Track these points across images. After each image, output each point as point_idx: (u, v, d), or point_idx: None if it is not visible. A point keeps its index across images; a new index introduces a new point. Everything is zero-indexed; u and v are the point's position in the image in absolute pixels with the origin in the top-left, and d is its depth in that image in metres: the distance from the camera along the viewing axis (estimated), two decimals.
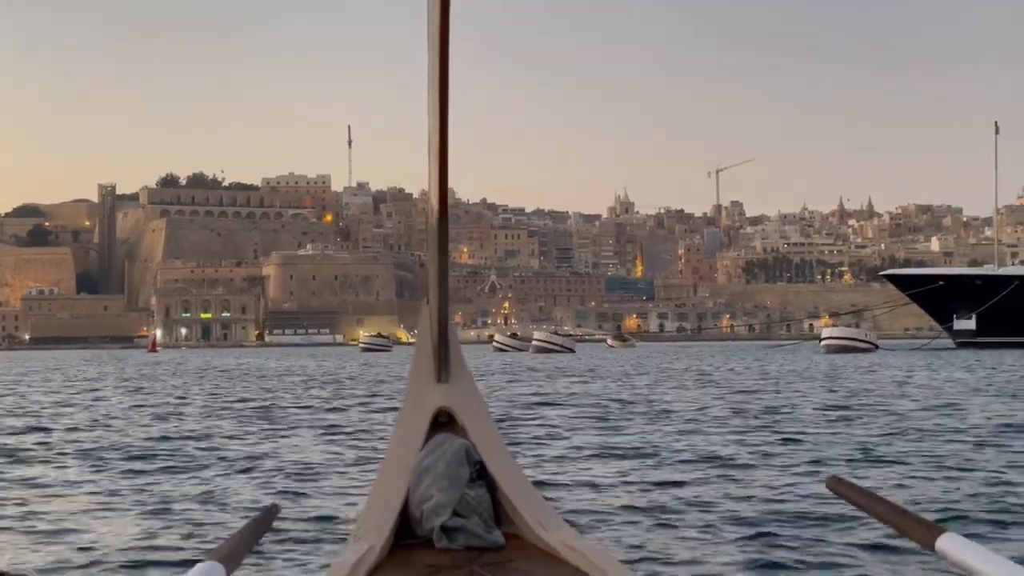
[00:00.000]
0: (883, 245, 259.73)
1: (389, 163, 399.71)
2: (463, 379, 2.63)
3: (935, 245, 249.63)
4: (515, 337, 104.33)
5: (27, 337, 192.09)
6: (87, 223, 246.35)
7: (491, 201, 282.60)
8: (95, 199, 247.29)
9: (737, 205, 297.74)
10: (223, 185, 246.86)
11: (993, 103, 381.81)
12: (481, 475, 2.46)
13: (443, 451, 2.45)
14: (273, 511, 2.48)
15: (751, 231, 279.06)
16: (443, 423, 2.58)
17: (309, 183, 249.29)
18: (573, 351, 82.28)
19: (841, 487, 2.24)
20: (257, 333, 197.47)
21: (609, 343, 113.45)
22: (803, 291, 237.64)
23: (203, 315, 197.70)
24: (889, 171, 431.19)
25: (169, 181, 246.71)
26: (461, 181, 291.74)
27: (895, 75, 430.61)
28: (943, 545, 1.85)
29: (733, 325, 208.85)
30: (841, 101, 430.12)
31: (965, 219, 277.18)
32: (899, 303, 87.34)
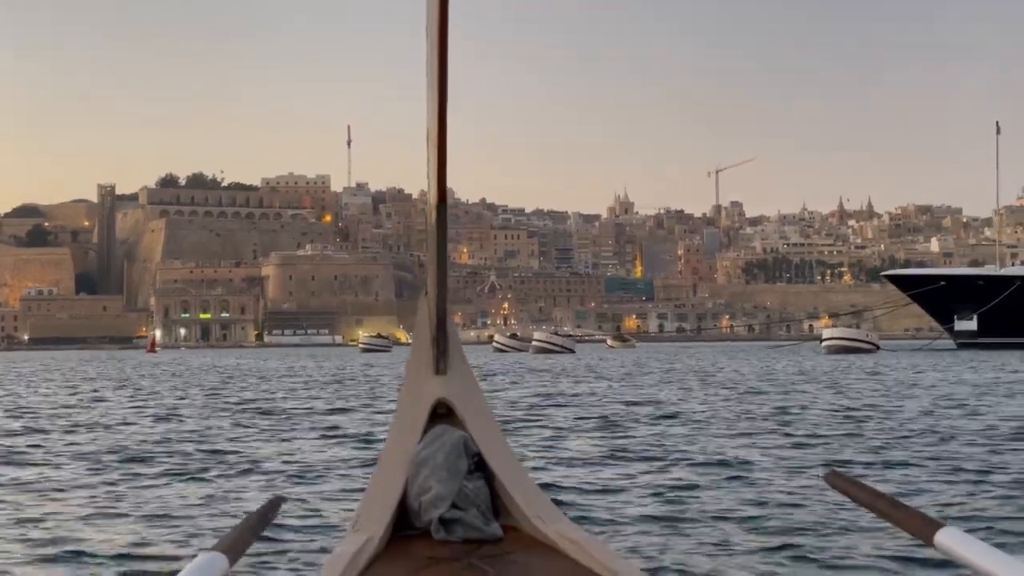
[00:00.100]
0: (883, 245, 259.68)
1: (388, 163, 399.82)
2: (462, 371, 2.62)
3: (935, 246, 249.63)
4: (515, 338, 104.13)
5: (26, 337, 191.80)
6: (86, 223, 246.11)
7: (491, 201, 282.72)
8: (94, 199, 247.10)
9: (737, 205, 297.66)
10: (222, 185, 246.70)
11: (993, 103, 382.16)
12: (479, 467, 2.45)
13: (442, 443, 2.44)
14: (277, 503, 2.47)
15: (751, 231, 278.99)
16: (442, 415, 2.56)
17: (308, 183, 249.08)
18: (573, 351, 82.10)
19: (840, 482, 2.24)
20: (256, 333, 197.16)
21: (609, 344, 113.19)
22: (803, 291, 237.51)
23: (202, 315, 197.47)
24: (889, 171, 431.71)
25: (168, 181, 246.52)
26: (461, 181, 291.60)
27: (895, 75, 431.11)
28: (941, 539, 1.85)
29: (733, 326, 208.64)
30: (841, 101, 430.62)
31: (965, 219, 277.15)
32: (899, 303, 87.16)
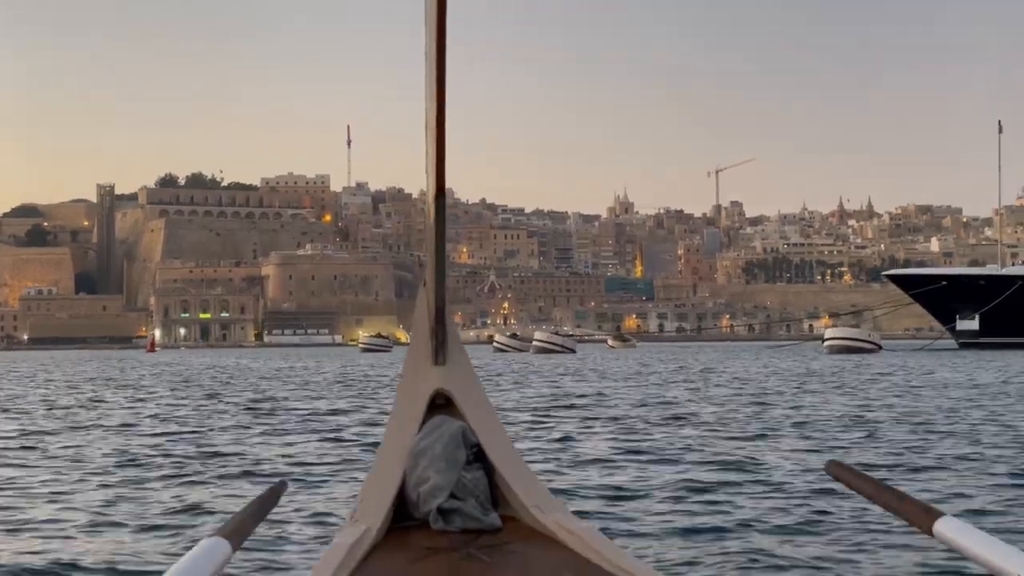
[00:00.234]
0: (883, 245, 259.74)
1: (388, 163, 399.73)
2: (460, 361, 2.61)
3: (935, 245, 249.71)
4: (515, 337, 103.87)
5: (25, 337, 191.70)
6: (86, 223, 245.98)
7: (490, 201, 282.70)
8: (94, 199, 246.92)
9: (737, 205, 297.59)
10: (222, 185, 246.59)
11: (992, 104, 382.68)
12: (478, 457, 2.45)
13: (440, 433, 2.44)
14: (279, 488, 2.46)
15: (751, 231, 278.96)
16: (440, 405, 2.56)
17: (308, 183, 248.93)
18: (574, 351, 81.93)
19: (841, 471, 2.25)
20: (256, 333, 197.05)
21: (610, 343, 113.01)
22: (803, 291, 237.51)
23: (202, 315, 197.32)
24: (889, 171, 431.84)
25: (168, 181, 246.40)
26: (461, 182, 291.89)
27: (895, 76, 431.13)
28: (940, 528, 1.86)
29: (733, 325, 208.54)
30: (841, 102, 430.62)
31: (965, 219, 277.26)
32: (900, 303, 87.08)
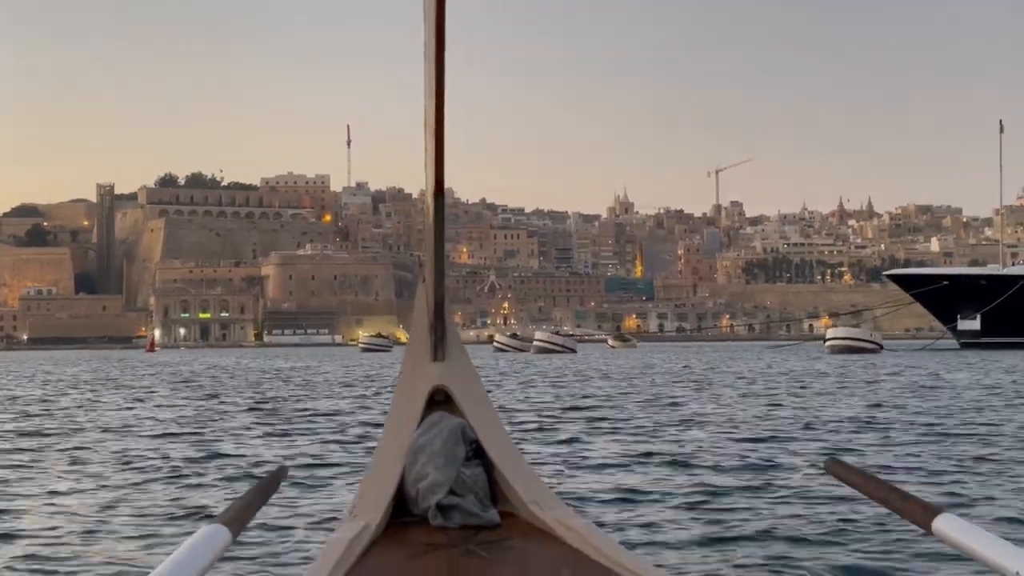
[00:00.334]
0: (883, 245, 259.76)
1: (388, 163, 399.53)
2: (459, 358, 2.61)
3: (935, 245, 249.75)
4: (516, 337, 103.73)
5: (25, 337, 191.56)
6: (85, 223, 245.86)
7: (490, 201, 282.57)
8: (93, 199, 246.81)
9: (737, 205, 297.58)
10: (222, 185, 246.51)
11: (992, 104, 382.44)
12: (477, 454, 2.45)
13: (439, 429, 2.44)
14: (280, 474, 2.45)
15: (751, 231, 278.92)
16: (439, 401, 2.56)
17: (308, 183, 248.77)
18: (575, 351, 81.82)
19: (840, 470, 2.24)
20: (256, 333, 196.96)
21: (610, 343, 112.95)
22: (803, 291, 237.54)
23: (202, 315, 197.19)
24: (889, 171, 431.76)
25: (168, 181, 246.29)
26: (460, 182, 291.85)
27: (895, 76, 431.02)
28: (940, 526, 1.87)
29: (733, 325, 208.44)
30: (841, 102, 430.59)
31: (965, 219, 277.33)
32: (901, 303, 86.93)
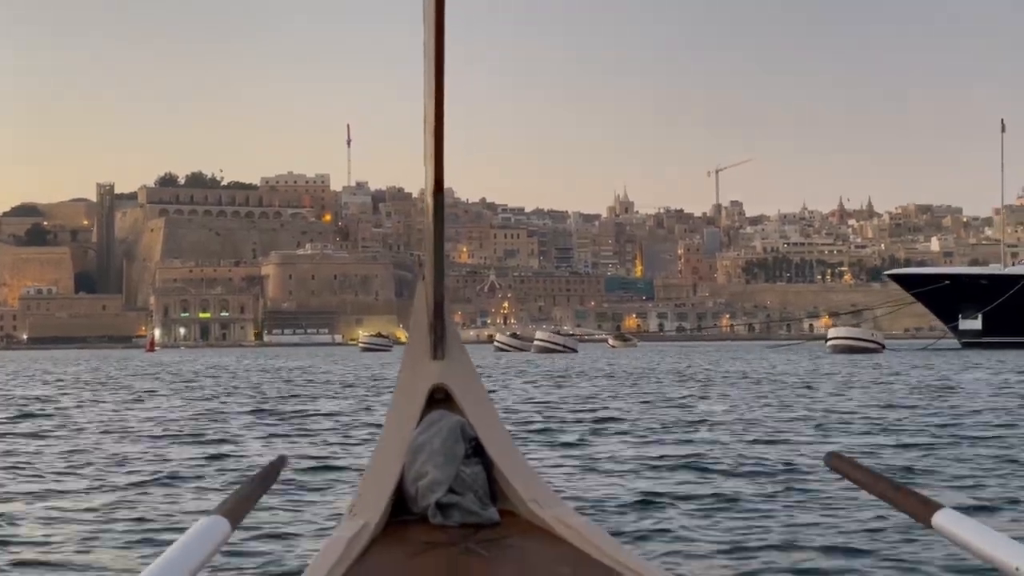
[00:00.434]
0: (883, 245, 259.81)
1: (388, 163, 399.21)
2: (459, 356, 2.61)
3: (935, 245, 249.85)
4: (516, 337, 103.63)
5: (25, 337, 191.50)
6: (85, 222, 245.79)
7: (490, 201, 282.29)
8: (93, 198, 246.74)
9: (737, 205, 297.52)
10: (222, 184, 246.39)
11: (992, 104, 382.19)
12: (477, 452, 2.44)
13: (439, 428, 2.43)
14: (279, 464, 2.43)
15: (751, 231, 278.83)
16: (439, 400, 2.56)
17: (308, 182, 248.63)
18: (576, 351, 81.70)
19: (840, 464, 2.26)
20: (256, 333, 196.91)
21: (611, 343, 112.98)
22: (803, 291, 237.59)
23: (202, 315, 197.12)
24: (889, 171, 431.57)
25: (168, 180, 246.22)
26: (460, 181, 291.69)
27: (895, 75, 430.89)
28: (939, 520, 1.87)
29: (733, 325, 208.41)
30: (841, 102, 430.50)
31: (965, 219, 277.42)
32: (902, 303, 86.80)
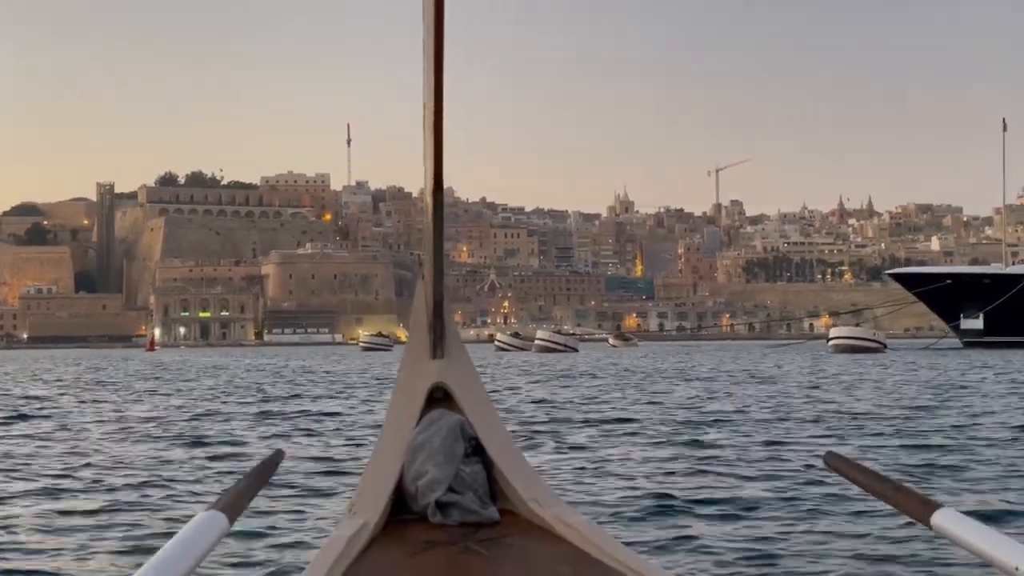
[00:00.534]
0: (883, 244, 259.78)
1: (388, 162, 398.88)
2: (459, 355, 2.60)
3: (935, 244, 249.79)
4: (517, 336, 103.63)
5: (25, 336, 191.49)
6: (85, 222, 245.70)
7: (490, 200, 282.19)
8: (94, 198, 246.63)
9: (737, 204, 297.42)
10: (222, 184, 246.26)
11: (993, 104, 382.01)
12: (477, 451, 2.44)
13: (438, 427, 2.43)
14: (277, 458, 2.43)
15: (751, 230, 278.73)
16: (439, 399, 2.55)
17: (308, 182, 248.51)
18: (577, 350, 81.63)
19: (839, 463, 2.25)
20: (256, 332, 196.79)
21: (611, 342, 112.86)
22: (803, 291, 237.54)
23: (202, 314, 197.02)
24: (889, 170, 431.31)
25: (168, 180, 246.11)
26: (460, 180, 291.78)
27: (895, 75, 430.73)
28: (938, 520, 1.87)
29: (733, 324, 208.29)
30: (841, 101, 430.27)
31: (965, 219, 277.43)
32: (903, 302, 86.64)
